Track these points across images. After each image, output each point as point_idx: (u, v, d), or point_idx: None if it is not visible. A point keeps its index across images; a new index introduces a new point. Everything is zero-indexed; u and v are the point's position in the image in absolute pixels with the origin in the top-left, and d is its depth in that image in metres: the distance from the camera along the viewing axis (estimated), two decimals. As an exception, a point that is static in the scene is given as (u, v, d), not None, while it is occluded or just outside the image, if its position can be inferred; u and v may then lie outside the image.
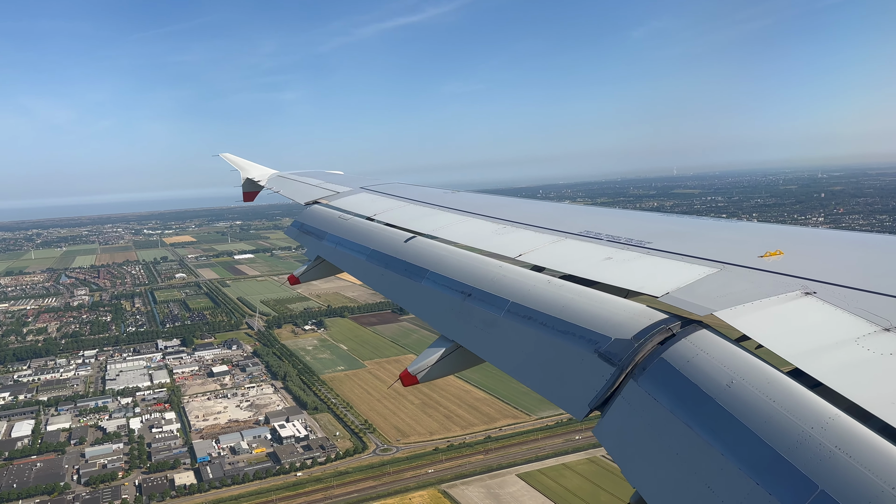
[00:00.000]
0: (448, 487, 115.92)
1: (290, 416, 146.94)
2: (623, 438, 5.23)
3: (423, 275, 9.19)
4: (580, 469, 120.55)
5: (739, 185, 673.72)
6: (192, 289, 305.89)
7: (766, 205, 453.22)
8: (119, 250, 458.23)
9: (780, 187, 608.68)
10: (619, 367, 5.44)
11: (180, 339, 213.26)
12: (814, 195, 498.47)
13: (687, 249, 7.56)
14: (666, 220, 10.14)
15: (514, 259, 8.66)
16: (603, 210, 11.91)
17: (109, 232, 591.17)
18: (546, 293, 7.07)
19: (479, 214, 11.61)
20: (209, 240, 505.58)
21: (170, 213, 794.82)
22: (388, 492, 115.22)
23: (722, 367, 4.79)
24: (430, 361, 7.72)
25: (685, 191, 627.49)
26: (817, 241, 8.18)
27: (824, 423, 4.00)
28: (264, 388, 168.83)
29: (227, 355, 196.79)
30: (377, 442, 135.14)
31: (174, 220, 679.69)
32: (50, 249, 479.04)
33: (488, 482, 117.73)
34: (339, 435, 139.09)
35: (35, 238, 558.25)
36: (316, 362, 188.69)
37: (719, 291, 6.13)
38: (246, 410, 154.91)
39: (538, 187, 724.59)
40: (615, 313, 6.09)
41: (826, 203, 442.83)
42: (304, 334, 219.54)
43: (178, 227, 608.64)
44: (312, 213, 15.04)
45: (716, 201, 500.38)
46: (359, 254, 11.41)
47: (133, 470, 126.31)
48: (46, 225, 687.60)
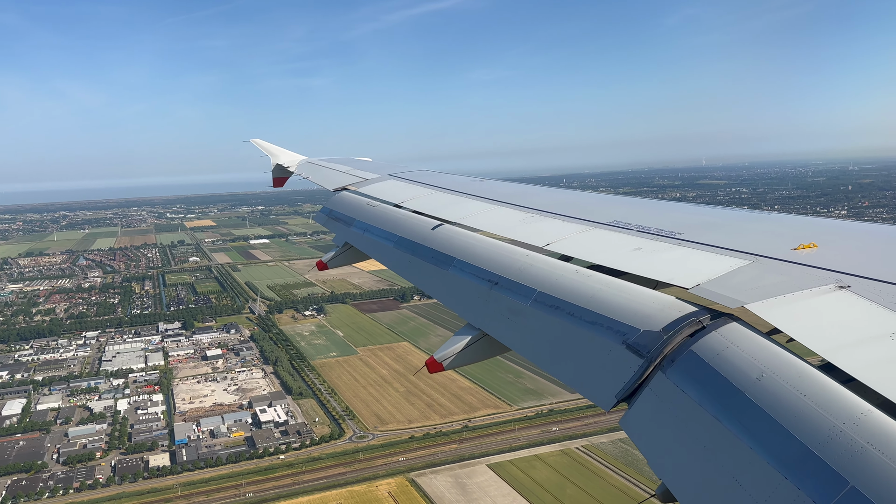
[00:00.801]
0: (417, 476, 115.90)
1: (273, 400, 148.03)
2: (650, 430, 5.20)
3: (450, 262, 9.24)
4: (552, 461, 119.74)
5: (767, 177, 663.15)
6: (202, 272, 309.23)
7: (790, 197, 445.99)
8: (139, 233, 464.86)
9: (807, 179, 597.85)
10: (648, 358, 5.44)
11: (181, 323, 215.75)
12: (841, 188, 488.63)
13: (719, 241, 7.48)
14: (698, 210, 10.09)
15: (541, 248, 8.66)
16: (633, 199, 11.77)
17: (133, 215, 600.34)
18: (573, 283, 7.06)
19: (507, 203, 11.71)
20: (229, 224, 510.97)
21: (195, 198, 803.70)
22: (357, 479, 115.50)
23: (752, 361, 4.76)
24: (457, 349, 7.77)
25: (711, 182, 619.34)
26: (852, 234, 8.02)
27: (856, 418, 3.97)
28: (254, 373, 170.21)
29: (225, 339, 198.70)
30: (355, 429, 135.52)
31: (198, 205, 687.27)
32: (73, 231, 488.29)
33: (458, 471, 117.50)
34: (319, 421, 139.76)
35: (61, 220, 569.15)
36: (310, 348, 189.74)
37: (751, 284, 6.07)
38: (232, 394, 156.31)
39: (562, 176, 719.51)
40: (644, 304, 6.09)
41: (852, 196, 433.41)
42: (304, 320, 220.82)
43: (201, 212, 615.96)
44: (341, 200, 15.23)
45: (740, 192, 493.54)
46: (386, 240, 11.52)
47: (112, 450, 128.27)
48: (74, 207, 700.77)
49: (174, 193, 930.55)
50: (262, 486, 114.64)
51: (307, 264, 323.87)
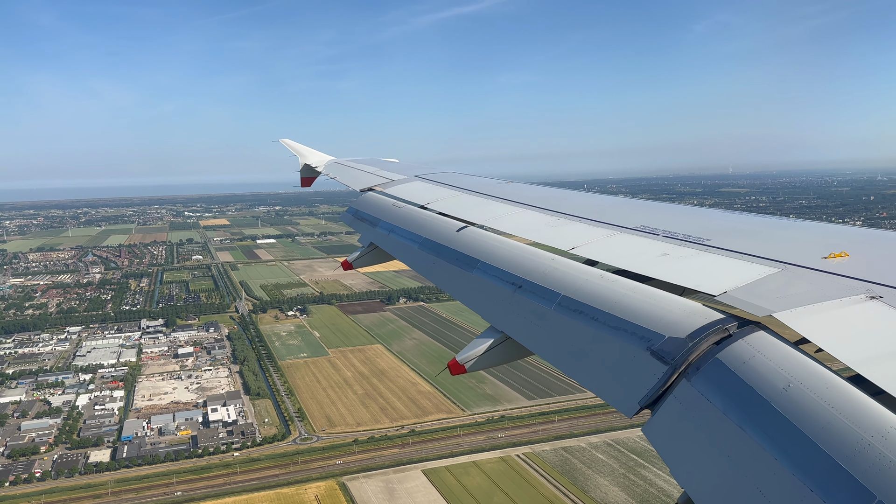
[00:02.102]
0: (349, 480, 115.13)
1: (227, 400, 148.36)
2: (673, 438, 5.12)
3: (474, 265, 9.23)
4: (488, 468, 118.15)
5: (791, 186, 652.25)
6: (201, 271, 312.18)
7: (809, 206, 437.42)
8: (153, 231, 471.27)
9: (831, 189, 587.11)
10: (672, 365, 5.35)
11: (164, 320, 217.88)
12: (863, 198, 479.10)
13: (747, 248, 7.40)
14: (727, 216, 10.03)
15: (566, 252, 8.65)
16: (661, 205, 11.73)
17: (153, 213, 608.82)
18: (598, 288, 6.98)
19: (533, 206, 11.71)
20: (242, 224, 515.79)
21: (217, 197, 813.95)
22: (289, 481, 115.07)
23: (779, 370, 4.67)
24: (479, 351, 7.71)
25: (733, 189, 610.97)
26: (885, 243, 7.81)
27: (885, 431, 3.87)
28: (220, 372, 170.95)
29: (202, 337, 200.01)
30: (302, 430, 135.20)
31: (218, 204, 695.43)
32: (90, 228, 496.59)
33: (391, 476, 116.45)
34: (269, 422, 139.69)
35: (82, 216, 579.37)
36: (283, 348, 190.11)
37: (779, 292, 5.97)
38: (193, 393, 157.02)
39: (583, 182, 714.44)
40: (670, 311, 5.99)
41: (872, 206, 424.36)
42: (286, 320, 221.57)
43: (219, 211, 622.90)
44: (367, 200, 15.29)
45: (759, 201, 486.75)
46: (411, 241, 11.59)
47: (58, 445, 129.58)
48: (98, 204, 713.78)
49: (199, 192, 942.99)
50: (193, 486, 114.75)
51: (306, 265, 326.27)
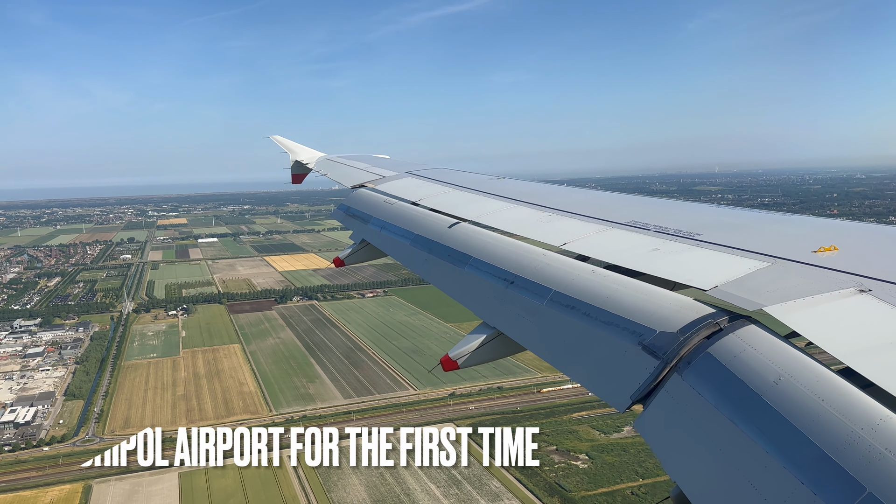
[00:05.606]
0: (100, 482, 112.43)
1: (37, 401, 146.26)
2: (664, 432, 5.11)
3: (466, 261, 9.16)
4: (248, 470, 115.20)
5: (765, 184, 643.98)
6: (119, 270, 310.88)
7: (767, 204, 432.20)
8: (105, 231, 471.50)
9: (802, 187, 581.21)
10: (664, 360, 5.35)
11: (41, 319, 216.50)
12: (826, 195, 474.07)
13: (738, 242, 7.34)
14: (718, 211, 10.00)
15: (558, 248, 8.59)
16: (651, 200, 11.65)
17: (118, 213, 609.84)
18: (590, 283, 6.95)
19: (524, 202, 11.66)
20: (199, 223, 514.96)
21: (194, 196, 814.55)
22: (37, 483, 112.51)
23: (770, 364, 4.69)
24: (471, 347, 7.71)
25: (706, 188, 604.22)
26: (875, 237, 7.77)
27: (875, 424, 3.92)
28: (56, 372, 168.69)
29: (65, 337, 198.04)
30: (93, 432, 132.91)
31: (190, 203, 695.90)
32: (45, 227, 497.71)
33: (146, 478, 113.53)
34: (64, 423, 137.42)
35: (51, 216, 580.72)
36: (138, 348, 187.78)
37: (770, 286, 5.93)
38: (14, 394, 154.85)
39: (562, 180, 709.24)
40: (661, 305, 5.96)
41: (828, 204, 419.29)
42: (164, 319, 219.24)
43: (184, 210, 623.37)
44: (358, 197, 15.20)
45: (724, 199, 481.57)
46: (403, 238, 11.57)
47: None
48: (71, 204, 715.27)
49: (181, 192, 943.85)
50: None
51: (229, 264, 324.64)
